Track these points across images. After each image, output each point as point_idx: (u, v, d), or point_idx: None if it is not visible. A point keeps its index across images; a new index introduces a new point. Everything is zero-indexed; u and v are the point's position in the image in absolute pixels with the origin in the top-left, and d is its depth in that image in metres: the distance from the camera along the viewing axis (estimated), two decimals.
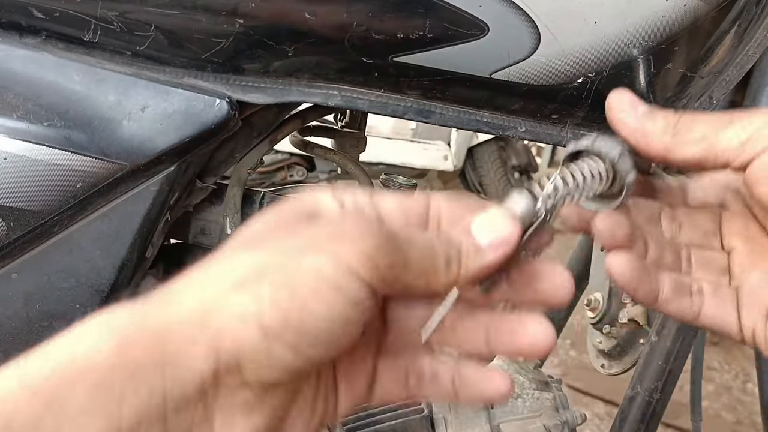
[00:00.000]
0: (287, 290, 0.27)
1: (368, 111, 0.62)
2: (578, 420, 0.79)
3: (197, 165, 0.64)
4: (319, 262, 0.27)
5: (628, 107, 0.36)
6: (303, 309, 0.27)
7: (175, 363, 0.26)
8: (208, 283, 0.28)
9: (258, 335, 0.26)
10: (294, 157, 3.74)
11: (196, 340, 0.26)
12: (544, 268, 0.33)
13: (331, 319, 0.27)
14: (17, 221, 0.56)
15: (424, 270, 0.30)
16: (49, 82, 0.56)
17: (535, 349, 0.33)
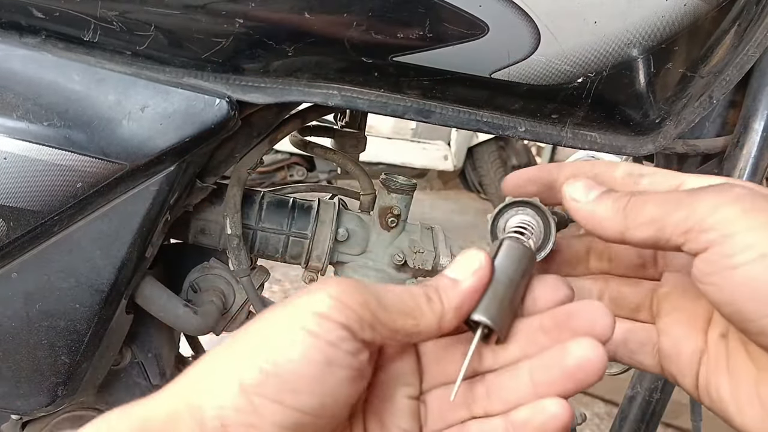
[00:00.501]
0: (263, 346, 0.28)
1: (368, 111, 0.62)
2: (578, 420, 0.79)
3: (197, 165, 0.64)
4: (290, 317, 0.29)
5: (581, 194, 0.35)
6: (278, 357, 0.27)
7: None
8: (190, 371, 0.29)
9: (238, 394, 0.27)
10: (294, 157, 3.74)
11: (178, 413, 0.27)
12: (579, 306, 0.33)
13: (308, 361, 0.27)
14: (17, 221, 0.56)
15: (407, 310, 0.31)
16: (49, 81, 0.56)
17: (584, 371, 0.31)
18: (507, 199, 0.39)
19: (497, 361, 0.35)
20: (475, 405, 0.34)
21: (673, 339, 0.37)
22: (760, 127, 0.67)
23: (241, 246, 0.72)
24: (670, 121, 0.65)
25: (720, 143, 0.73)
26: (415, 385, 0.35)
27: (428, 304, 0.32)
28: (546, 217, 0.38)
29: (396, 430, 0.34)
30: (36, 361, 0.62)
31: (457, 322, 0.33)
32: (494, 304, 0.33)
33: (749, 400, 0.32)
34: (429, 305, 0.32)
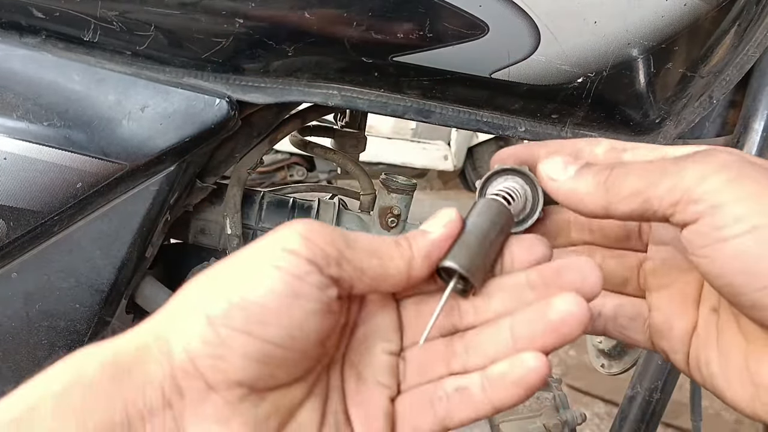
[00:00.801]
0: (226, 280, 0.28)
1: (368, 111, 0.62)
2: (578, 420, 0.79)
3: (197, 165, 0.64)
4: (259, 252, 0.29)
5: (558, 172, 0.34)
6: (243, 288, 0.28)
7: (130, 374, 0.27)
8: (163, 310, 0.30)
9: (205, 325, 0.27)
10: (294, 157, 3.74)
11: (147, 347, 0.27)
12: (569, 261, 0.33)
13: (272, 292, 0.28)
14: (17, 221, 0.56)
15: (373, 250, 0.31)
16: (49, 81, 0.56)
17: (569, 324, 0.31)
18: (497, 166, 0.38)
19: (479, 318, 0.34)
20: (454, 361, 0.34)
21: (664, 315, 0.36)
22: (760, 127, 0.67)
23: (241, 246, 0.72)
24: (670, 121, 0.65)
25: (720, 143, 0.73)
26: (395, 341, 0.35)
27: (397, 248, 0.32)
28: (534, 186, 0.38)
29: (373, 384, 0.33)
30: (36, 361, 0.62)
31: (426, 270, 0.33)
32: (465, 253, 0.33)
33: (739, 375, 0.31)
34: (398, 249, 0.32)
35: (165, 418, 0.27)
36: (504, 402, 0.32)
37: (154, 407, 0.27)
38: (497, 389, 0.32)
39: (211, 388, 0.28)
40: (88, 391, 0.26)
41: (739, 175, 0.27)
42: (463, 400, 0.32)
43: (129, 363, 0.27)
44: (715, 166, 0.28)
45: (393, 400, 0.34)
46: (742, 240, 0.26)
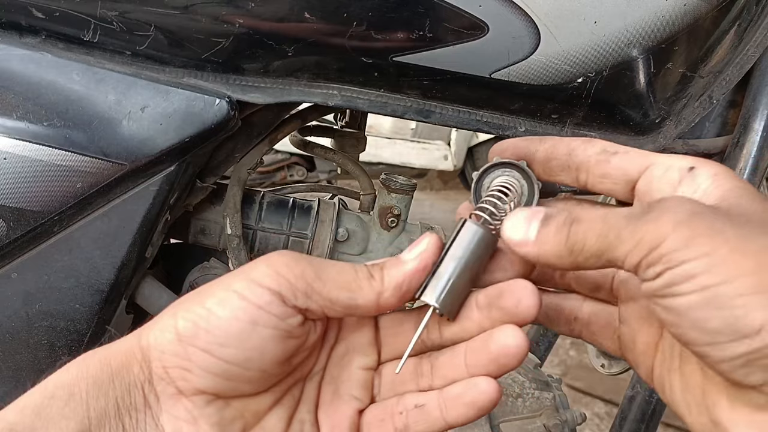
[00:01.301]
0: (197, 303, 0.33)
1: (368, 111, 0.62)
2: (578, 420, 0.79)
3: (197, 165, 0.64)
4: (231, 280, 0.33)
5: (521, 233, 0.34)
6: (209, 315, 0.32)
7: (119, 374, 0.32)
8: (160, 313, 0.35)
9: (175, 341, 0.32)
10: (294, 156, 3.74)
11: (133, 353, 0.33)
12: (509, 285, 0.35)
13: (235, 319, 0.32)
14: (17, 221, 0.56)
15: (344, 283, 0.34)
16: (49, 81, 0.56)
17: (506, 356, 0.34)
18: (494, 159, 0.39)
19: (443, 337, 0.38)
20: (422, 379, 0.37)
21: (629, 328, 0.38)
22: (760, 127, 0.67)
23: (241, 246, 0.72)
24: (670, 121, 0.65)
25: (720, 143, 0.73)
26: (372, 357, 0.38)
27: (368, 281, 0.34)
28: (530, 180, 0.38)
29: (348, 398, 0.37)
30: (36, 361, 0.62)
31: (397, 300, 0.35)
32: (441, 284, 0.35)
33: (697, 408, 0.32)
34: (368, 282, 0.34)
35: (146, 415, 0.33)
36: (457, 420, 0.35)
37: (137, 405, 0.32)
38: (452, 408, 0.35)
39: (181, 393, 0.33)
40: (91, 385, 0.32)
41: (693, 234, 0.28)
42: (421, 415, 0.36)
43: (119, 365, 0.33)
44: (670, 225, 0.29)
45: (362, 412, 0.37)
46: (692, 298, 0.28)
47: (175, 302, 0.35)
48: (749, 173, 0.68)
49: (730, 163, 0.69)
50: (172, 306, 0.35)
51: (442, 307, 0.35)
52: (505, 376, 0.81)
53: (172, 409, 0.33)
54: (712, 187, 0.32)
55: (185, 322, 0.33)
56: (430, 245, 0.35)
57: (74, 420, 0.31)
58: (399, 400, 0.37)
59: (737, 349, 0.26)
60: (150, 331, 0.34)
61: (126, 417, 0.32)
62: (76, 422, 0.31)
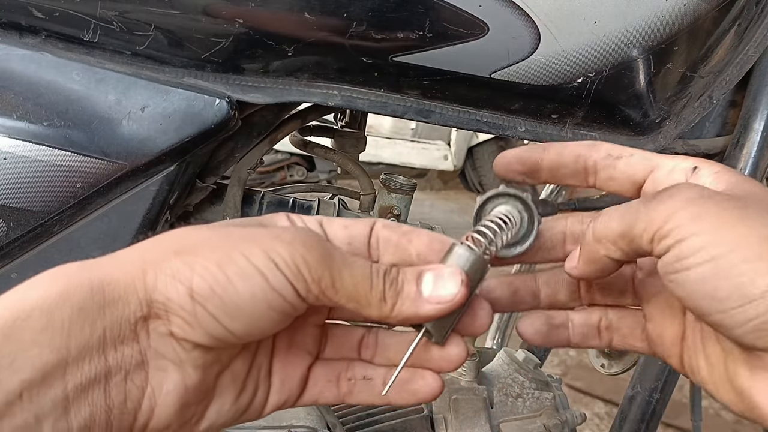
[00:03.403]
0: (217, 265, 0.31)
1: (368, 111, 0.62)
2: (578, 420, 0.79)
3: (197, 165, 0.64)
4: (250, 250, 0.31)
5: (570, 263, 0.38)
6: (227, 284, 0.31)
7: (113, 305, 0.30)
8: (153, 245, 0.33)
9: (186, 296, 0.31)
10: (294, 157, 3.74)
11: (134, 288, 0.31)
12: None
13: (252, 298, 0.31)
14: (17, 221, 0.56)
15: (356, 296, 0.33)
16: (49, 81, 0.56)
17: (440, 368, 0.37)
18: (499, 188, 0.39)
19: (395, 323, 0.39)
20: (365, 351, 0.39)
21: (655, 324, 0.40)
22: (760, 127, 0.67)
23: None
24: (670, 121, 0.65)
25: (720, 143, 0.73)
26: (324, 314, 0.39)
27: (379, 302, 0.34)
28: (530, 209, 0.38)
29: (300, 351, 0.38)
30: None
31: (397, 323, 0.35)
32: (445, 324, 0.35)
33: (722, 381, 0.34)
34: (379, 303, 0.34)
35: (132, 348, 0.31)
36: (397, 402, 0.38)
37: (125, 338, 0.31)
38: (396, 390, 0.37)
39: (172, 336, 0.32)
40: (75, 312, 0.29)
41: (701, 211, 0.31)
42: (366, 387, 0.38)
43: (115, 296, 0.30)
44: (679, 203, 0.31)
45: (310, 367, 0.38)
46: (702, 268, 0.30)
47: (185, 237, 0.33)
48: (749, 173, 0.68)
49: (730, 163, 0.69)
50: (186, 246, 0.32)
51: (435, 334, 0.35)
52: (505, 376, 0.81)
53: (161, 347, 0.32)
54: (715, 182, 0.35)
55: (202, 281, 0.31)
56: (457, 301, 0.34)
57: (50, 348, 0.28)
58: (348, 366, 0.39)
59: (746, 313, 0.28)
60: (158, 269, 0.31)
61: (110, 350, 0.30)
62: (51, 351, 0.28)
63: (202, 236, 0.33)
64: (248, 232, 0.33)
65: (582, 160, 0.38)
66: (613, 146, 0.38)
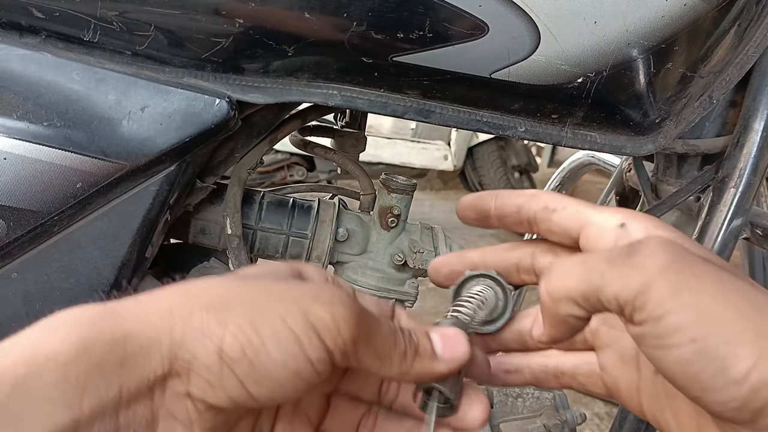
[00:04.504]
0: (251, 326, 0.29)
1: (368, 111, 0.62)
2: (578, 420, 0.79)
3: (197, 165, 0.64)
4: (288, 311, 0.30)
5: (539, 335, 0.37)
6: (261, 347, 0.29)
7: (133, 361, 0.28)
8: (183, 296, 0.30)
9: (214, 355, 0.29)
10: (294, 157, 3.74)
11: (159, 342, 0.29)
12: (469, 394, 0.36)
13: (284, 365, 0.29)
14: (17, 221, 0.56)
15: (383, 354, 0.33)
16: (49, 81, 0.56)
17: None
18: (466, 273, 0.41)
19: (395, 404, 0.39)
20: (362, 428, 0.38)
21: (610, 375, 0.39)
22: (760, 127, 0.67)
23: (241, 246, 0.72)
24: (670, 121, 0.65)
25: (720, 143, 0.73)
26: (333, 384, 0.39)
27: (401, 359, 0.33)
28: (504, 288, 0.40)
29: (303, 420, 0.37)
30: None
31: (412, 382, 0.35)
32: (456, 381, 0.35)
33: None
34: (400, 361, 0.33)
35: (145, 407, 0.29)
36: None
37: (140, 395, 0.28)
38: None
39: (188, 396, 0.30)
40: (93, 368, 0.27)
41: (678, 282, 0.29)
42: None
43: (136, 351, 0.28)
44: (654, 272, 0.29)
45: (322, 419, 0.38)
46: (683, 351, 0.28)
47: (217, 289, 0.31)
48: (749, 173, 0.68)
49: (730, 163, 0.69)
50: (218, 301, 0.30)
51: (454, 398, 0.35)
52: None
53: (174, 406, 0.29)
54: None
55: (234, 341, 0.29)
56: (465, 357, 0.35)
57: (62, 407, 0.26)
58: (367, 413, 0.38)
59: (728, 395, 0.28)
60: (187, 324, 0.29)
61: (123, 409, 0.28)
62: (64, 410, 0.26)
63: (235, 290, 0.31)
64: (285, 289, 0.31)
65: (523, 212, 0.39)
66: (550, 198, 0.38)
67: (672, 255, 0.30)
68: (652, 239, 0.31)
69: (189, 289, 0.31)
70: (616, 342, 0.38)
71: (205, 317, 0.29)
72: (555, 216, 0.37)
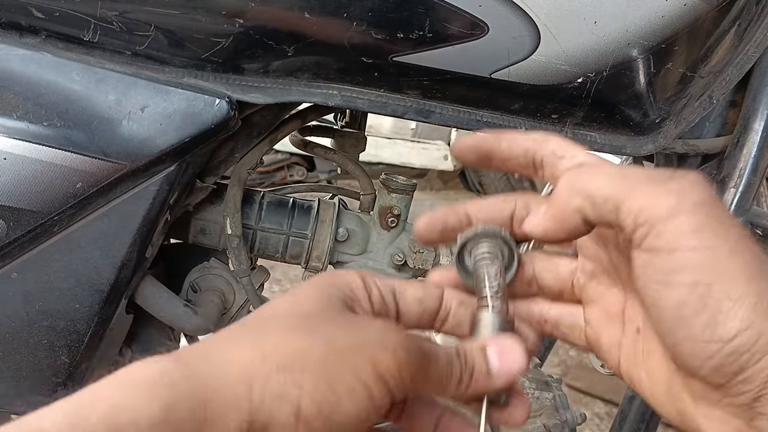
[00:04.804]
0: (327, 385, 0.29)
1: (368, 111, 0.62)
2: (578, 420, 0.79)
3: (197, 165, 0.64)
4: (358, 365, 0.30)
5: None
6: (336, 404, 0.29)
7: (212, 425, 0.27)
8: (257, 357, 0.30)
9: (292, 418, 0.29)
10: (294, 157, 3.73)
11: (238, 407, 0.28)
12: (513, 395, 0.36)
13: (356, 416, 0.29)
14: (17, 221, 0.56)
15: (438, 384, 0.33)
16: (49, 81, 0.56)
17: None
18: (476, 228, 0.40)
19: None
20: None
21: (593, 329, 0.39)
22: (760, 127, 0.67)
23: (241, 246, 0.72)
24: (670, 121, 0.65)
25: (720, 143, 0.73)
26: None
27: (457, 384, 0.33)
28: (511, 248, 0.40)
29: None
30: (36, 361, 0.62)
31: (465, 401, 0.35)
32: None
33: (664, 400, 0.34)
34: (456, 386, 0.33)
35: None
36: None
37: None
38: None
39: None
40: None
41: (704, 224, 0.28)
42: None
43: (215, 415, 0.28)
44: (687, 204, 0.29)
45: None
46: (684, 291, 0.28)
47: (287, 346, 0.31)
48: (749, 173, 0.68)
49: (730, 163, 0.69)
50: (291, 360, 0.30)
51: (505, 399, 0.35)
52: None
53: None
54: None
55: (310, 402, 0.29)
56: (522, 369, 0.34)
57: None
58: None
59: (711, 349, 0.28)
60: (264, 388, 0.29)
61: None
62: None
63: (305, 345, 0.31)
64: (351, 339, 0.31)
65: (530, 155, 0.38)
66: (560, 144, 0.37)
67: (709, 197, 0.29)
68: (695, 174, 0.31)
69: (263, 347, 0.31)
70: (603, 298, 0.38)
71: (282, 379, 0.29)
72: (562, 162, 0.36)
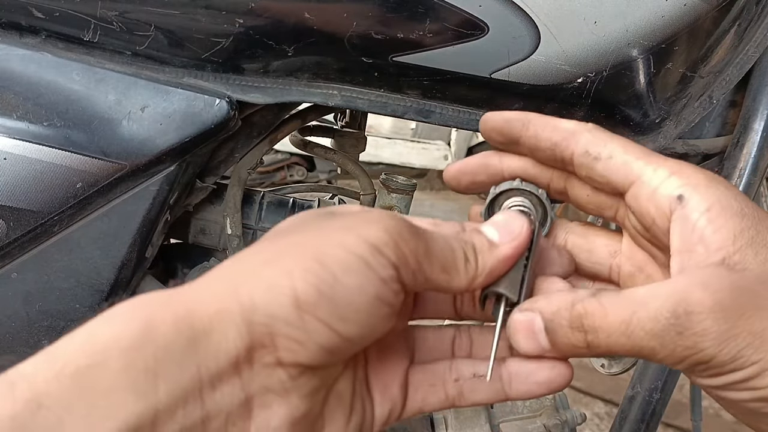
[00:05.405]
0: (317, 263, 0.27)
1: (368, 111, 0.62)
2: (578, 420, 0.79)
3: (197, 165, 0.64)
4: (345, 239, 0.28)
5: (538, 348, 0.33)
6: (335, 281, 0.27)
7: (206, 337, 0.25)
8: (236, 264, 0.29)
9: (292, 307, 0.26)
10: (294, 156, 3.74)
11: (229, 312, 0.26)
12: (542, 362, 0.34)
13: (360, 290, 0.27)
14: (17, 221, 0.56)
15: (446, 263, 0.31)
16: (49, 81, 0.56)
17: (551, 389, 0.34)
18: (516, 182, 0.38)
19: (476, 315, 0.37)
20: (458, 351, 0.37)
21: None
22: (760, 127, 0.67)
23: (241, 246, 0.72)
24: (670, 121, 0.65)
25: (720, 143, 0.73)
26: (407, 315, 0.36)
27: (464, 264, 0.32)
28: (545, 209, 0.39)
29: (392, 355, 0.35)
30: None
31: (484, 286, 0.33)
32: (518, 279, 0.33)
33: None
34: (465, 266, 0.32)
35: (233, 386, 0.26)
36: (520, 395, 0.34)
37: (224, 374, 0.26)
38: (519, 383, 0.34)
39: (279, 364, 0.27)
40: (161, 352, 0.24)
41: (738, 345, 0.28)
42: (480, 386, 0.34)
43: (207, 326, 0.26)
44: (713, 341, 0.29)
45: (407, 373, 0.35)
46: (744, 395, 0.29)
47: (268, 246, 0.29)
48: (749, 173, 0.68)
49: (730, 163, 0.69)
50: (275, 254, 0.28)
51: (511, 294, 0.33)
52: None
53: (265, 379, 0.27)
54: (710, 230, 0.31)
55: (306, 285, 0.26)
56: (526, 231, 0.33)
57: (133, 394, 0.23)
58: (451, 366, 0.35)
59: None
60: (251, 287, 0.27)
61: (208, 391, 0.25)
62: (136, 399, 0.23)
63: (286, 240, 0.29)
64: (333, 222, 0.30)
65: (559, 151, 0.36)
66: (591, 141, 0.36)
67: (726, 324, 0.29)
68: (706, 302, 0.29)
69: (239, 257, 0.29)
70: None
71: (268, 273, 0.27)
72: (599, 165, 0.35)
